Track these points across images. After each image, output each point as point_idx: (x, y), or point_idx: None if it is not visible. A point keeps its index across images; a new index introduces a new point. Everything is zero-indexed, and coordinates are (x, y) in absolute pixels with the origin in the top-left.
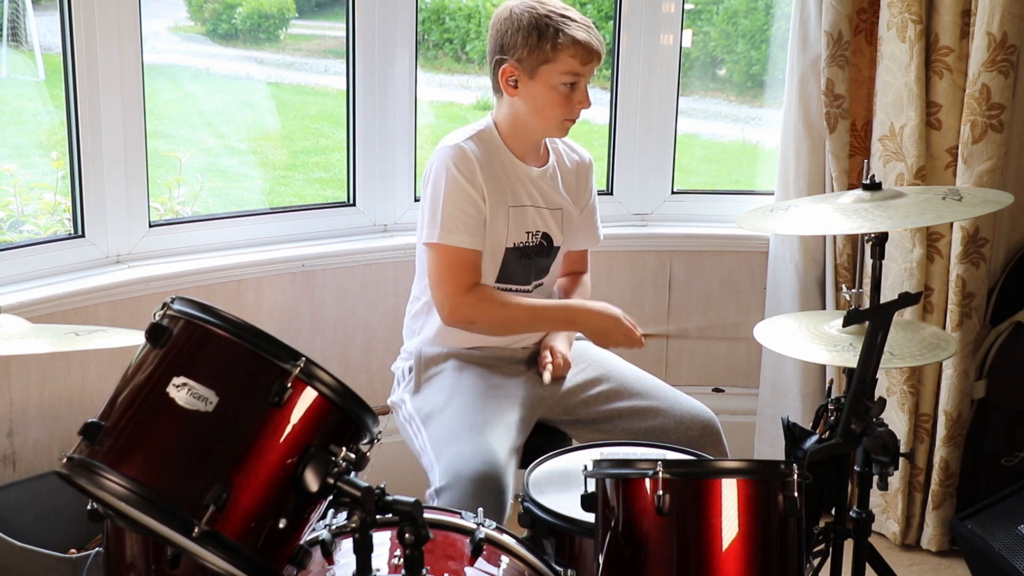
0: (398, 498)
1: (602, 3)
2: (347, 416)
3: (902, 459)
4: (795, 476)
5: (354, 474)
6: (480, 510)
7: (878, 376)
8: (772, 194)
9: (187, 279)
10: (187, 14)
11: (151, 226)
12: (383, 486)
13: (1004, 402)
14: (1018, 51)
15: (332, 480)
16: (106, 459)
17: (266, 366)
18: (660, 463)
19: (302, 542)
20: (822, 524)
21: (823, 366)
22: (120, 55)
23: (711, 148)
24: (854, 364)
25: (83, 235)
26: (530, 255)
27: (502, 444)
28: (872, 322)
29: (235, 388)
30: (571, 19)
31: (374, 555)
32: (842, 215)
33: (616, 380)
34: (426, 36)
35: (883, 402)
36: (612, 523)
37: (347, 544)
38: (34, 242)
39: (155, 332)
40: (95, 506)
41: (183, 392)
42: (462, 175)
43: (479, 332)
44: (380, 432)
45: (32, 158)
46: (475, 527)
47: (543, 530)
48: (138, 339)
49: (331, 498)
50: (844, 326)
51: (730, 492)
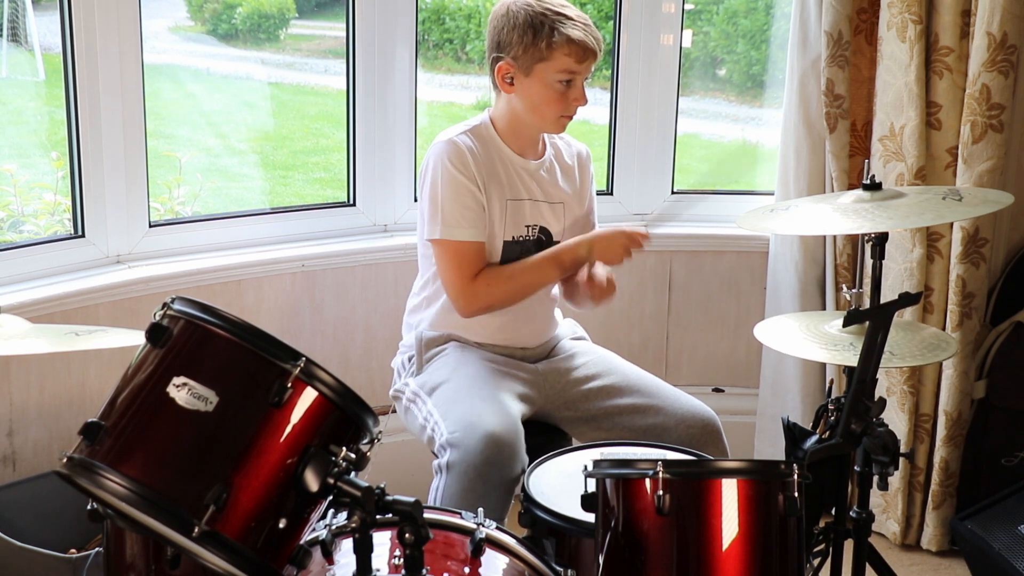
0: (398, 498)
1: (602, 3)
2: (347, 416)
3: (902, 459)
4: (795, 476)
5: (354, 474)
6: (480, 510)
7: (878, 376)
8: (772, 194)
9: (187, 279)
10: (187, 14)
11: (151, 226)
12: (383, 486)
13: (1004, 402)
14: (1018, 51)
15: (332, 480)
16: (106, 459)
17: (266, 366)
18: (660, 463)
19: (302, 542)
20: (822, 524)
21: (823, 366)
22: (120, 55)
23: (711, 148)
24: (854, 364)
25: (83, 235)
26: (529, 249)
27: (514, 407)
28: (872, 322)
29: (235, 388)
30: (567, 17)
31: (374, 555)
32: (842, 215)
33: (617, 377)
34: (426, 36)
35: (883, 402)
36: (612, 523)
37: (347, 544)
38: (34, 242)
39: (155, 332)
40: (95, 506)
41: (183, 392)
42: (457, 169)
43: (500, 309)
44: (380, 432)
45: (32, 158)
46: (475, 527)
47: (543, 530)
48: (138, 339)
49: (331, 498)
50: (844, 326)
51: (730, 492)
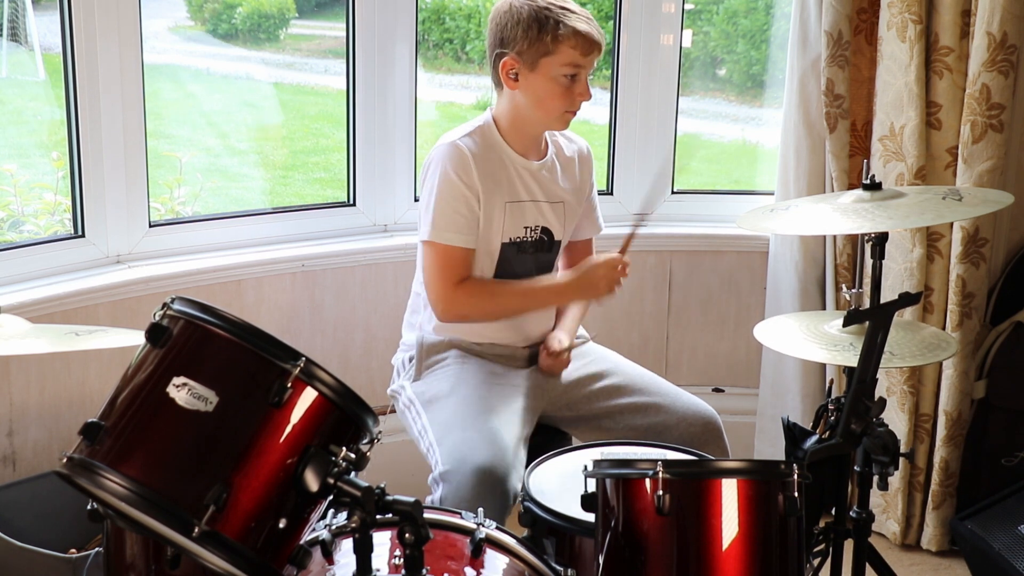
0: (398, 498)
1: (602, 3)
2: (347, 416)
3: (902, 459)
4: (795, 476)
5: (354, 474)
6: (480, 510)
7: (878, 376)
8: (772, 194)
9: (187, 279)
10: (187, 14)
11: (151, 226)
12: (383, 486)
13: (1004, 402)
14: (1018, 51)
15: (332, 480)
16: (106, 459)
17: (266, 366)
18: (660, 463)
19: (302, 542)
20: (822, 524)
21: (823, 366)
22: (120, 55)
23: (711, 148)
24: (854, 364)
25: (83, 235)
26: (528, 250)
27: (509, 433)
28: (872, 322)
29: (235, 388)
30: (571, 11)
31: (374, 555)
32: (842, 215)
33: (618, 376)
34: (426, 36)
35: (883, 402)
36: (612, 523)
37: (347, 544)
38: (34, 242)
39: (155, 332)
40: (95, 506)
41: (183, 392)
42: (456, 174)
43: (475, 322)
44: (380, 432)
45: (32, 158)
46: (475, 527)
47: (543, 530)
48: (138, 339)
49: (331, 498)
50: (844, 326)
51: (730, 492)
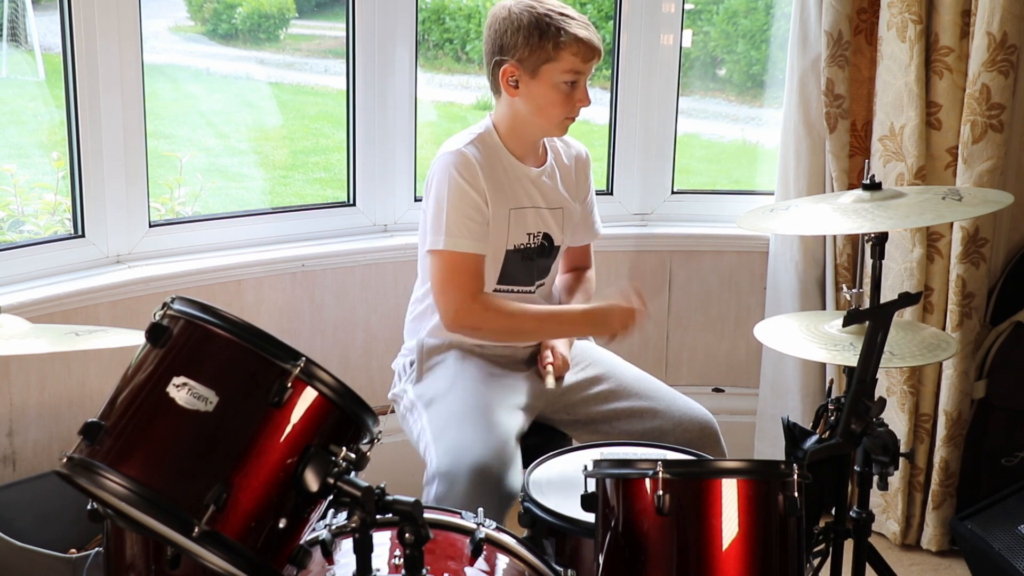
0: (398, 498)
1: (602, 3)
2: (347, 416)
3: (902, 459)
4: (795, 476)
5: (354, 474)
6: (480, 510)
7: (878, 376)
8: (772, 194)
9: (187, 279)
10: (187, 14)
11: (151, 226)
12: (383, 486)
13: (1004, 402)
14: (1018, 51)
15: (332, 480)
16: (106, 459)
17: (266, 366)
18: (660, 463)
19: (302, 542)
20: (822, 524)
21: (823, 366)
22: (120, 55)
23: (711, 148)
24: (854, 364)
25: (83, 235)
26: (531, 256)
27: (506, 430)
28: (872, 322)
29: (235, 388)
30: (570, 17)
31: (374, 555)
32: (842, 215)
33: (615, 380)
34: (426, 36)
35: (883, 402)
36: (612, 523)
37: (347, 544)
38: (34, 242)
39: (155, 332)
40: (95, 506)
41: (183, 392)
42: (465, 180)
43: (482, 338)
44: (380, 432)
45: (32, 158)
46: (475, 527)
47: (543, 530)
48: (138, 339)
49: (331, 498)
50: (844, 326)
51: (730, 492)
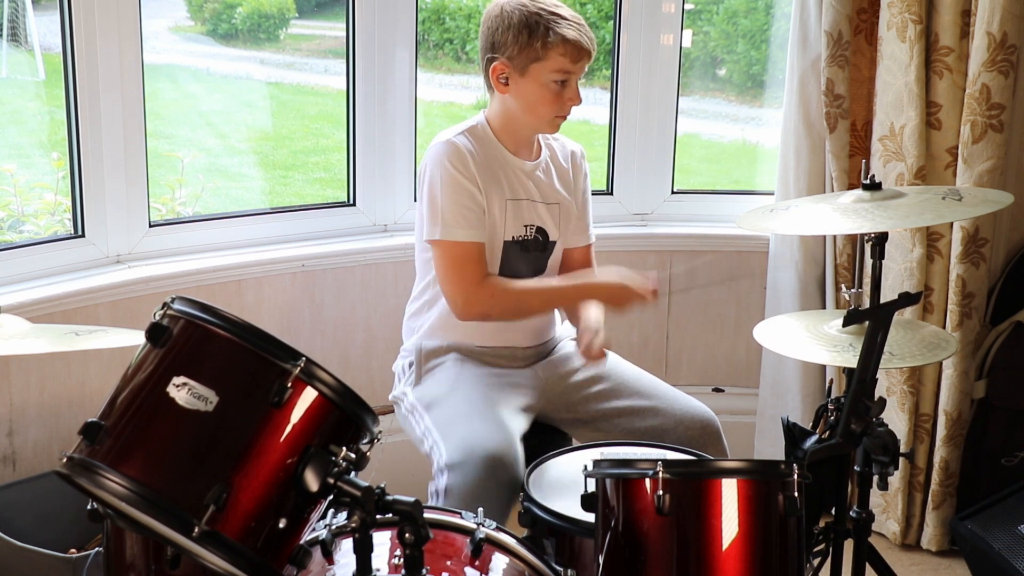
0: (398, 498)
1: (602, 3)
2: (347, 416)
3: (902, 459)
4: (795, 476)
5: (354, 474)
6: (480, 510)
7: (878, 376)
8: (772, 194)
9: (187, 279)
10: (187, 14)
11: (151, 226)
12: (383, 486)
13: (1004, 402)
14: (1018, 51)
15: (332, 480)
16: (106, 459)
17: (266, 366)
18: (660, 463)
19: (302, 542)
20: (822, 524)
21: (823, 366)
22: (120, 55)
23: (711, 148)
24: (854, 364)
25: (83, 235)
26: (529, 249)
27: (512, 425)
28: (872, 322)
29: (235, 388)
30: (561, 17)
31: (374, 555)
32: (842, 215)
33: (616, 379)
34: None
35: (883, 402)
36: (612, 523)
37: (347, 544)
38: (34, 242)
39: (155, 332)
40: (95, 506)
41: (183, 392)
42: (456, 169)
43: (496, 321)
44: (380, 432)
45: (32, 158)
46: (475, 527)
47: (543, 530)
48: (138, 339)
49: (331, 498)
50: (844, 326)
51: (730, 492)
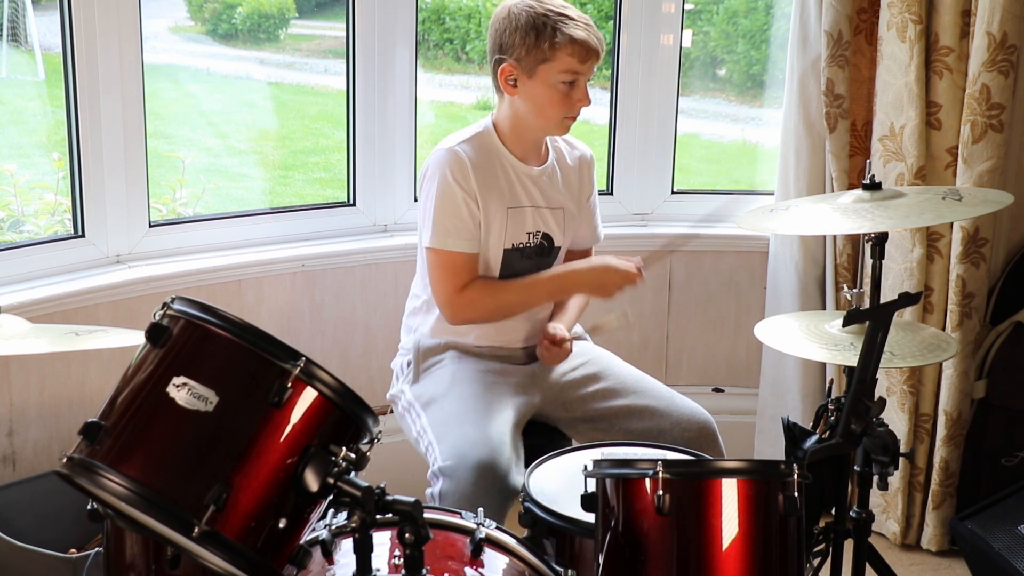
0: (398, 498)
1: (602, 3)
2: (347, 416)
3: (902, 459)
4: (795, 476)
5: (354, 474)
6: (480, 510)
7: (878, 376)
8: (772, 194)
9: (187, 279)
10: (187, 14)
11: (151, 226)
12: (383, 486)
13: (1004, 402)
14: (1018, 51)
15: (332, 480)
16: (106, 459)
17: (266, 366)
18: (660, 463)
19: (302, 542)
20: (822, 524)
21: (823, 366)
22: (120, 55)
23: (711, 148)
24: (854, 364)
25: (83, 235)
26: (530, 255)
27: (506, 428)
28: (872, 322)
29: (235, 388)
30: (569, 17)
31: (374, 555)
32: (842, 215)
33: (613, 378)
34: (426, 36)
35: (883, 402)
36: (612, 523)
37: (347, 544)
38: (34, 242)
39: (155, 332)
40: (95, 506)
41: (183, 392)
42: (454, 179)
43: (486, 322)
44: (380, 432)
45: (32, 158)
46: (475, 527)
47: (543, 530)
48: (138, 339)
49: (331, 498)
50: (844, 326)
51: (730, 492)
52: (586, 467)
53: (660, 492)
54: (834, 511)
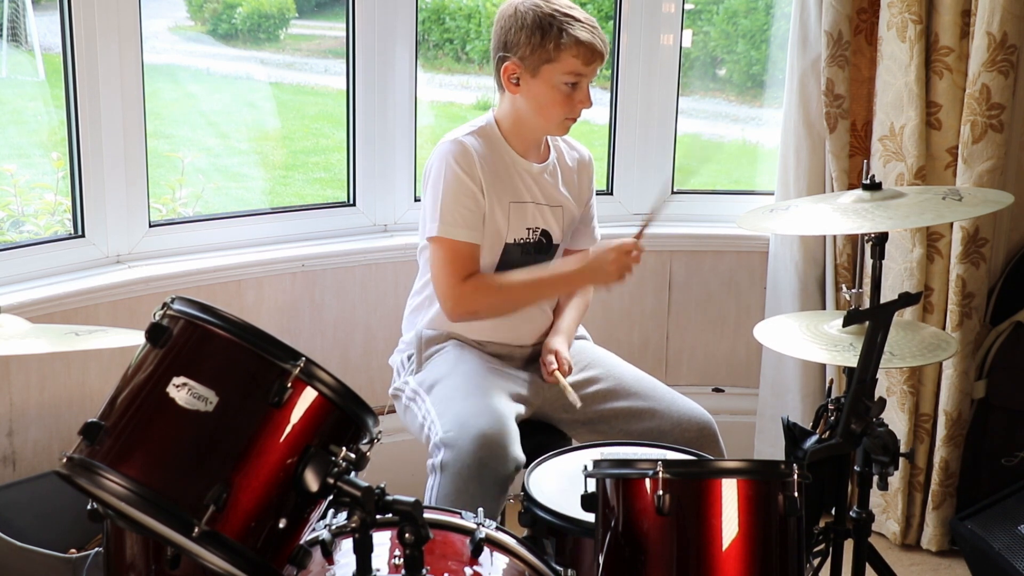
0: (398, 498)
1: (602, 3)
2: (347, 416)
3: (902, 459)
4: (795, 476)
5: (354, 474)
6: (480, 510)
7: (878, 376)
8: (772, 194)
9: (187, 279)
10: (187, 14)
11: (151, 226)
12: (383, 486)
13: (1004, 402)
14: (1018, 51)
15: (332, 480)
16: (106, 459)
17: (266, 366)
18: (660, 463)
19: (302, 542)
20: (822, 524)
21: (823, 366)
22: (120, 55)
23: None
24: (854, 364)
25: (83, 235)
26: (530, 251)
27: (507, 408)
28: (872, 322)
29: (235, 388)
30: (575, 19)
31: (374, 555)
32: (842, 215)
33: (614, 380)
34: (426, 36)
35: (883, 402)
36: (612, 523)
37: (347, 544)
38: (34, 242)
39: (155, 332)
40: (95, 506)
41: (183, 392)
42: (461, 169)
43: (486, 318)
44: (380, 432)
45: (32, 158)
46: (475, 527)
47: (543, 530)
48: (138, 339)
49: (331, 498)
50: (844, 326)
51: (730, 492)
52: (586, 467)
53: (660, 492)
54: (834, 511)
